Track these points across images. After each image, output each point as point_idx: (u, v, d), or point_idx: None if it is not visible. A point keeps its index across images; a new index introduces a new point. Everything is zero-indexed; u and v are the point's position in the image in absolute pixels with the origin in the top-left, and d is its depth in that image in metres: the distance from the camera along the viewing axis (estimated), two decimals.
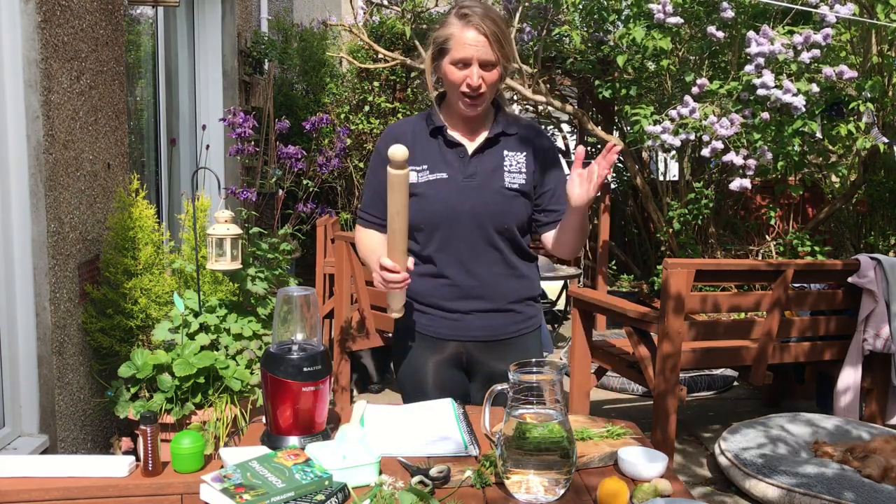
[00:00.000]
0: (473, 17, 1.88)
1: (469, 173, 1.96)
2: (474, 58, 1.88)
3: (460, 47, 1.88)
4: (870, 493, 2.95)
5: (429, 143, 2.00)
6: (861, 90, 4.31)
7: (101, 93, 3.27)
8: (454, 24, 1.90)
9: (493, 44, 1.88)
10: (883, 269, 3.78)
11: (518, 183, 1.98)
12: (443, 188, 1.96)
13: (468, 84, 1.89)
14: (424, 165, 1.98)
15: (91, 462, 1.68)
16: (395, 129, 2.06)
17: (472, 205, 1.95)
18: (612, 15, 5.14)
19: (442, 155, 1.99)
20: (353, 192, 6.86)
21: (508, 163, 1.99)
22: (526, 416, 1.45)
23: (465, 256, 1.97)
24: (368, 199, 2.09)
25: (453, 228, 1.96)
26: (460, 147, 1.99)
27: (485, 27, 1.87)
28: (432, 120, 2.02)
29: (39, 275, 2.77)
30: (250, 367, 2.94)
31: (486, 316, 2.00)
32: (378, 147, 2.06)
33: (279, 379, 1.63)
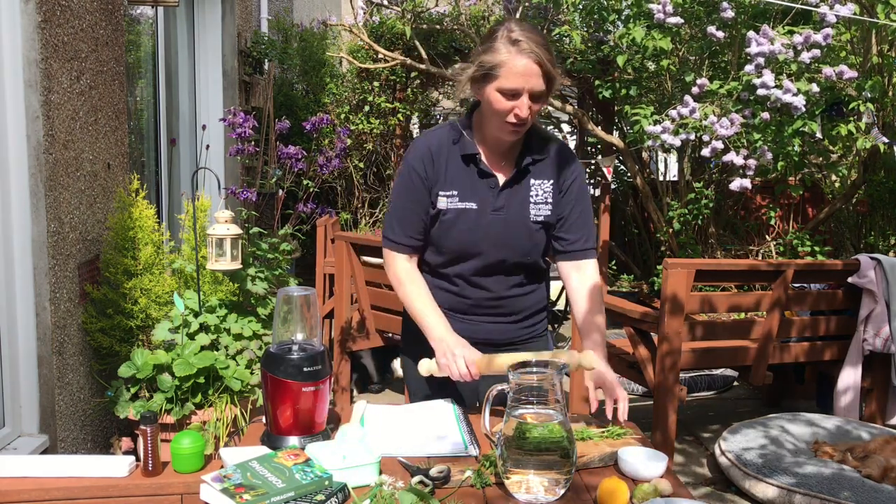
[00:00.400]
0: (525, 43, 1.77)
1: (498, 206, 1.92)
2: (525, 89, 1.78)
3: (512, 77, 1.77)
4: (870, 494, 2.95)
5: (460, 168, 1.93)
6: (861, 90, 4.31)
7: (101, 93, 3.27)
8: (505, 50, 1.78)
9: (545, 73, 1.79)
10: (883, 269, 3.78)
11: (543, 215, 1.95)
12: (470, 219, 1.91)
13: (516, 115, 1.81)
14: (454, 191, 1.92)
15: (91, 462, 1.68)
16: (426, 143, 1.95)
17: (496, 237, 1.93)
18: (612, 15, 5.13)
19: (472, 183, 1.92)
20: (352, 192, 6.86)
21: (535, 192, 1.95)
22: (526, 416, 1.45)
23: (482, 279, 1.97)
24: (403, 220, 1.96)
25: (475, 256, 1.95)
26: (492, 178, 1.93)
27: (538, 55, 1.77)
28: (465, 144, 1.93)
29: (39, 275, 2.77)
30: (250, 367, 2.94)
31: (498, 325, 2.02)
32: (412, 165, 1.94)
33: (279, 379, 1.63)
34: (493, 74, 1.79)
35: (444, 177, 1.92)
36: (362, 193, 6.90)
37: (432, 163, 1.92)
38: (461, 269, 1.96)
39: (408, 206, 1.95)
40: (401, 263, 1.98)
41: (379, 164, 6.90)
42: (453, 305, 2.00)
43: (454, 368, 1.80)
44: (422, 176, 1.92)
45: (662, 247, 5.90)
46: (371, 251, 4.06)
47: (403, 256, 1.98)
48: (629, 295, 5.79)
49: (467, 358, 1.80)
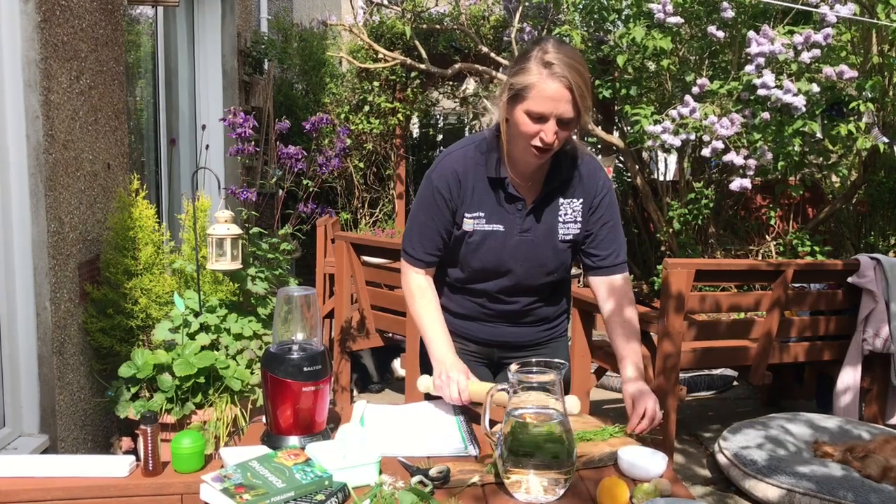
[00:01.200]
0: (558, 66, 1.69)
1: (525, 228, 1.89)
2: (553, 114, 1.72)
3: (540, 100, 1.71)
4: (870, 494, 2.95)
5: (486, 191, 1.88)
6: (861, 90, 4.31)
7: (101, 93, 3.27)
8: (536, 71, 1.71)
9: (577, 98, 1.71)
10: (883, 269, 3.78)
11: (572, 234, 1.92)
12: (497, 241, 1.89)
13: (541, 139, 1.75)
14: (481, 213, 1.88)
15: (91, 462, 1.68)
16: (451, 164, 1.89)
17: (524, 259, 1.91)
18: (612, 15, 5.14)
19: (500, 206, 1.88)
20: (352, 192, 6.86)
21: (564, 211, 1.91)
22: (526, 416, 1.45)
23: (506, 296, 1.96)
24: (423, 237, 1.93)
25: (501, 276, 1.93)
26: (520, 201, 1.88)
27: (570, 79, 1.69)
28: (492, 166, 1.87)
29: (39, 275, 2.77)
30: (250, 367, 2.94)
31: (519, 329, 2.02)
32: (437, 185, 1.89)
33: (279, 379, 1.63)
34: (522, 95, 1.74)
35: (471, 199, 1.88)
36: (362, 193, 6.90)
37: (458, 185, 1.88)
38: (485, 287, 1.95)
39: (429, 223, 1.92)
40: (415, 278, 1.97)
41: (379, 164, 6.90)
42: (474, 315, 2.00)
43: (446, 391, 1.80)
44: (446, 197, 1.88)
45: (662, 247, 5.90)
46: (371, 251, 4.06)
47: (419, 271, 1.97)
48: None
49: (460, 383, 1.79)
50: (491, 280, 1.94)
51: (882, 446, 3.26)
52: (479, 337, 2.03)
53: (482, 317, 2.00)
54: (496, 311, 1.99)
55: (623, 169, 6.59)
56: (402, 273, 2.01)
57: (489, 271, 1.92)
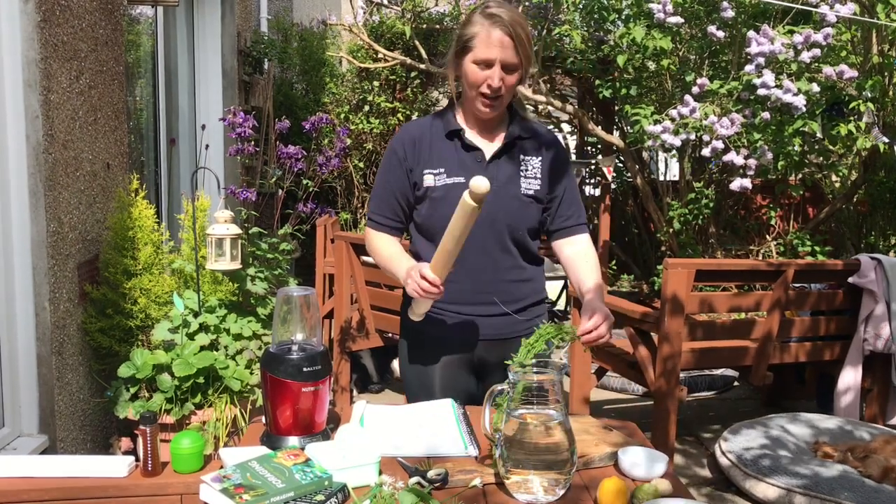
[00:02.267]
0: (500, 17, 1.85)
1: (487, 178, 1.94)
2: (498, 59, 1.85)
3: (484, 47, 1.85)
4: (870, 494, 2.95)
5: (445, 146, 1.98)
6: (861, 90, 4.31)
7: (101, 93, 3.27)
8: (480, 22, 1.87)
9: (518, 46, 1.86)
10: (883, 269, 3.77)
11: (534, 189, 1.98)
12: (460, 193, 1.90)
13: (489, 85, 1.87)
14: (441, 169, 1.96)
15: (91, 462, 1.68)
16: (410, 129, 2.02)
17: (488, 210, 1.91)
18: (612, 14, 5.13)
19: (459, 159, 1.96)
20: (352, 192, 6.86)
21: (524, 167, 1.98)
22: (526, 416, 1.44)
23: (478, 260, 1.96)
24: (380, 200, 2.02)
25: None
26: (478, 151, 1.97)
27: (511, 28, 1.85)
28: (449, 122, 1.99)
29: (39, 275, 2.77)
30: (250, 367, 2.94)
31: (495, 318, 2.01)
32: (393, 146, 2.01)
33: (279, 379, 1.62)
34: (469, 47, 1.88)
35: (430, 155, 1.96)
36: (362, 193, 6.89)
37: (413, 144, 1.97)
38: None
39: (386, 186, 2.00)
40: (377, 236, 2.02)
41: (378, 164, 6.89)
42: (454, 297, 1.98)
43: (413, 285, 1.81)
44: (400, 157, 1.97)
45: (662, 247, 5.90)
46: None
47: (382, 234, 2.02)
48: (629, 295, 5.78)
49: (422, 269, 1.81)
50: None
51: (883, 447, 3.26)
52: (457, 335, 2.01)
53: (461, 296, 1.98)
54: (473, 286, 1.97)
55: (623, 169, 6.59)
56: (368, 242, 2.06)
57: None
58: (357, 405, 1.90)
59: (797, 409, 4.11)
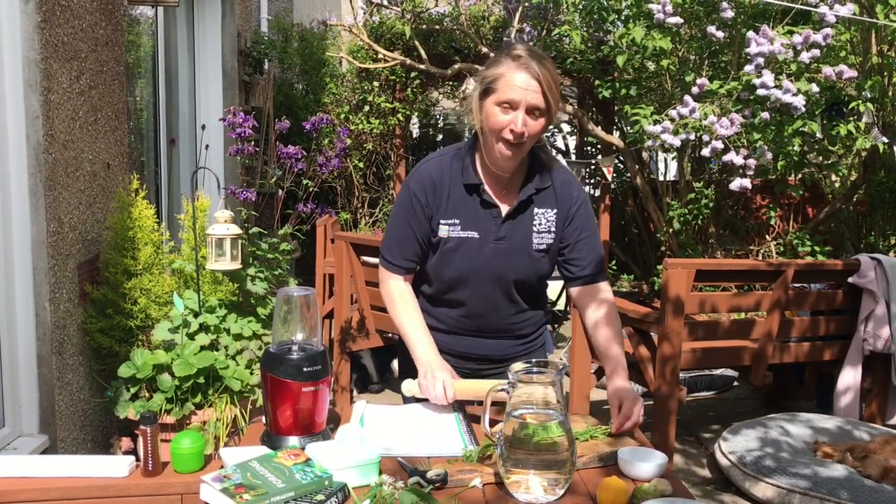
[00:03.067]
0: (526, 59, 1.79)
1: (500, 236, 1.92)
2: (522, 102, 1.78)
3: (509, 88, 1.79)
4: (870, 494, 2.95)
5: (463, 197, 1.92)
6: (861, 90, 4.31)
7: (101, 93, 3.27)
8: (506, 64, 1.80)
9: (546, 90, 1.79)
10: (883, 269, 3.77)
11: (546, 243, 1.95)
12: (472, 248, 1.91)
13: (511, 129, 1.80)
14: (456, 220, 1.91)
15: (91, 462, 1.68)
16: (430, 172, 1.94)
17: (498, 267, 1.93)
18: (611, 15, 5.13)
19: (475, 213, 1.91)
20: (352, 193, 6.86)
21: (538, 221, 1.94)
22: (526, 416, 1.45)
23: (482, 306, 1.97)
24: (402, 244, 1.97)
25: (476, 284, 1.95)
26: (495, 208, 1.92)
27: (538, 71, 1.78)
28: (468, 172, 1.91)
29: (39, 275, 2.77)
30: (250, 367, 2.94)
31: (498, 342, 2.03)
32: (414, 191, 1.93)
33: (279, 379, 1.62)
34: (492, 88, 1.81)
35: (446, 205, 1.91)
36: (362, 193, 6.89)
37: (434, 190, 1.91)
38: (462, 297, 1.97)
39: (407, 230, 1.95)
40: (394, 283, 2.00)
41: (379, 164, 6.89)
42: (453, 328, 2.01)
43: (432, 391, 1.82)
44: (422, 203, 1.92)
45: (662, 247, 5.90)
46: (371, 251, 4.06)
47: (398, 277, 2.00)
48: (629, 295, 5.79)
49: (445, 382, 1.81)
50: (467, 288, 1.95)
51: (882, 447, 3.26)
52: (456, 350, 2.02)
53: (461, 330, 2.01)
54: (475, 324, 2.00)
55: (623, 169, 6.59)
56: (380, 280, 2.04)
57: (465, 279, 1.94)
58: (357, 405, 1.90)
59: (797, 409, 4.11)
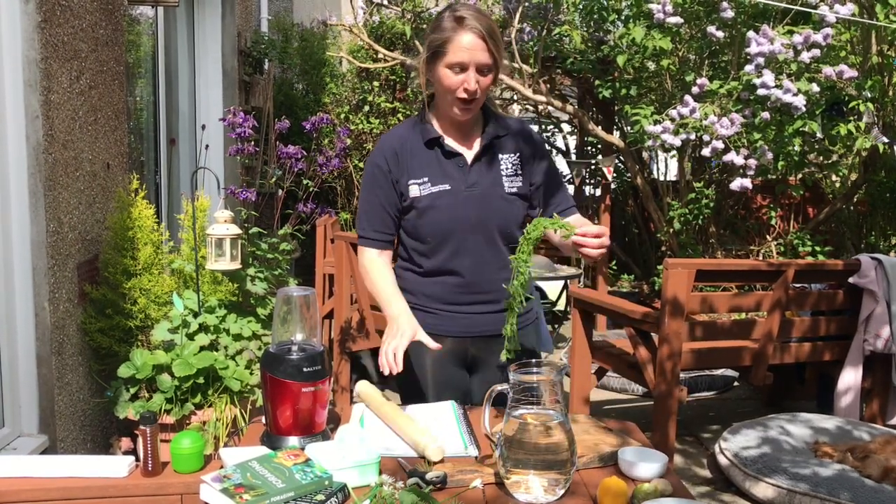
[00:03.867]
0: (469, 19, 1.86)
1: (470, 183, 1.97)
2: (472, 62, 1.86)
3: (457, 51, 1.86)
4: (870, 494, 2.95)
5: (426, 155, 1.98)
6: (861, 90, 4.31)
7: (101, 93, 3.27)
8: (450, 27, 1.87)
9: (490, 47, 1.87)
10: (884, 269, 3.77)
11: (516, 186, 2.00)
12: (446, 200, 1.95)
13: (465, 89, 1.88)
14: (425, 178, 1.97)
15: (91, 462, 1.68)
16: (389, 140, 2.02)
17: (476, 214, 1.96)
18: (612, 15, 5.13)
19: (441, 166, 1.97)
20: (352, 192, 6.86)
21: (504, 166, 2.00)
22: (526, 416, 1.44)
23: (469, 261, 1.99)
24: (370, 216, 2.03)
25: (459, 238, 1.97)
26: (459, 157, 1.98)
27: (481, 30, 1.85)
28: (427, 130, 1.99)
29: (38, 275, 2.77)
30: (250, 367, 2.94)
31: (486, 315, 2.02)
32: (375, 161, 2.01)
33: (279, 379, 1.62)
34: (441, 52, 1.88)
35: (411, 166, 1.97)
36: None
37: (395, 156, 1.98)
38: (446, 254, 1.98)
39: (373, 200, 2.01)
40: (368, 255, 2.04)
41: None
42: (445, 295, 2.01)
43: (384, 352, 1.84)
44: (384, 170, 1.98)
45: (663, 247, 5.90)
46: None
47: (373, 251, 2.03)
48: (629, 295, 5.78)
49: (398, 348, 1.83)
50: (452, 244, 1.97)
51: (882, 447, 3.25)
52: (452, 331, 2.02)
53: (450, 296, 2.01)
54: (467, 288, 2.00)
55: (623, 169, 6.59)
56: (361, 265, 2.07)
57: (447, 235, 1.96)
58: (357, 406, 1.90)
59: (797, 409, 4.11)
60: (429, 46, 1.92)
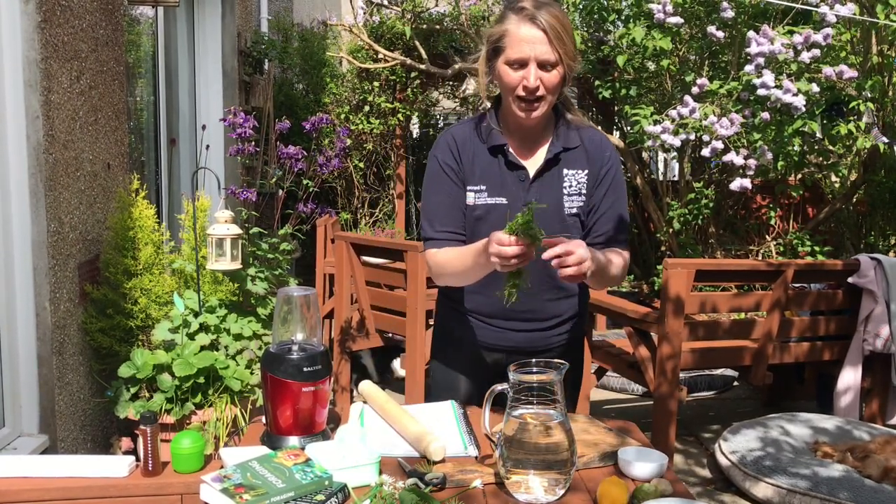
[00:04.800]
0: (529, 9, 1.70)
1: (529, 200, 1.76)
2: (532, 57, 1.70)
3: (516, 45, 1.70)
4: (870, 494, 2.95)
5: (488, 161, 1.84)
6: (861, 90, 4.31)
7: (101, 93, 3.27)
8: (509, 19, 1.73)
9: (553, 40, 1.69)
10: (883, 269, 3.77)
11: (577, 206, 1.85)
12: (501, 214, 1.80)
13: (524, 86, 1.72)
14: (483, 186, 1.83)
15: (91, 462, 1.68)
16: (455, 136, 1.86)
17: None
18: (612, 15, 5.13)
19: (502, 177, 1.83)
20: (353, 193, 6.86)
21: (568, 183, 1.84)
22: (526, 416, 1.45)
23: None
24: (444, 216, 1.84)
25: None
26: (521, 170, 1.83)
27: (543, 21, 1.69)
28: (492, 134, 1.84)
29: (39, 275, 2.77)
30: (250, 367, 2.94)
31: (528, 333, 1.93)
32: (443, 158, 1.85)
33: (279, 379, 1.62)
34: (500, 47, 1.74)
35: (472, 171, 1.83)
36: (362, 193, 6.89)
37: (460, 155, 1.84)
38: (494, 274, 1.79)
39: (442, 199, 1.85)
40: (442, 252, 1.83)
41: (379, 165, 6.90)
42: (489, 310, 1.91)
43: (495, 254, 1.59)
44: (454, 168, 1.84)
45: (662, 247, 5.90)
46: (371, 251, 4.07)
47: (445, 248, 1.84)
48: (629, 295, 5.78)
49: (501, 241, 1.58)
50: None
51: (882, 447, 3.26)
52: (489, 342, 1.94)
53: (494, 311, 1.89)
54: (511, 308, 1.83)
55: (623, 169, 6.58)
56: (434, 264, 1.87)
57: None
58: (354, 406, 1.90)
59: (797, 409, 4.11)
60: (488, 41, 1.77)
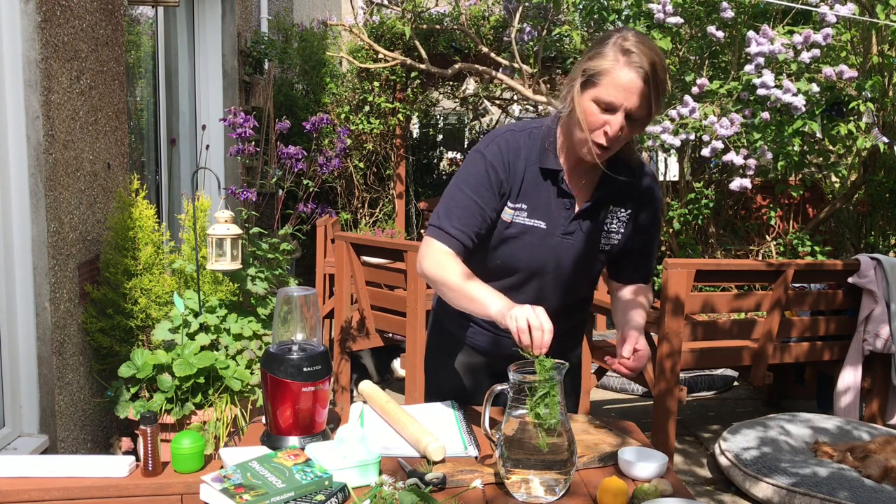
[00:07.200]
0: (637, 55, 1.57)
1: (569, 231, 1.75)
2: (623, 106, 1.59)
3: (612, 88, 1.58)
4: (870, 494, 2.95)
5: (537, 181, 1.73)
6: (861, 90, 4.31)
7: (101, 93, 3.27)
8: (613, 58, 1.59)
9: (651, 93, 1.59)
10: (883, 269, 3.77)
11: (612, 244, 1.80)
12: (536, 238, 1.74)
13: (605, 132, 1.61)
14: (524, 205, 1.73)
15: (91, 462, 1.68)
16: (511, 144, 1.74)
17: (558, 262, 1.77)
18: (612, 15, 5.13)
19: (547, 201, 1.73)
20: (352, 192, 6.86)
21: (610, 219, 1.78)
22: (526, 416, 1.44)
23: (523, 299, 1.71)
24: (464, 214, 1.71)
25: (529, 276, 1.79)
26: (570, 199, 1.74)
27: (648, 71, 1.57)
28: (548, 155, 1.73)
29: (39, 275, 2.77)
30: (250, 367, 2.94)
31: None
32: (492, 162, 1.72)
33: (279, 379, 1.63)
34: (593, 81, 1.61)
35: (518, 187, 1.73)
36: (362, 193, 6.90)
37: (509, 165, 1.72)
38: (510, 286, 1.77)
39: (474, 201, 1.71)
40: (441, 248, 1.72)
41: (379, 165, 6.90)
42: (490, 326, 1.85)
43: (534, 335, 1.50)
44: (501, 178, 1.72)
45: (662, 247, 5.90)
46: (371, 251, 4.07)
47: (445, 247, 1.72)
48: None
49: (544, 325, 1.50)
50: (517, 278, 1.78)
51: (882, 447, 3.26)
52: (483, 347, 1.93)
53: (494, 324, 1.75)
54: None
55: None
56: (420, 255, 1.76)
57: (513, 271, 1.78)
58: (354, 406, 1.90)
59: (797, 409, 4.11)
60: (583, 70, 1.63)
